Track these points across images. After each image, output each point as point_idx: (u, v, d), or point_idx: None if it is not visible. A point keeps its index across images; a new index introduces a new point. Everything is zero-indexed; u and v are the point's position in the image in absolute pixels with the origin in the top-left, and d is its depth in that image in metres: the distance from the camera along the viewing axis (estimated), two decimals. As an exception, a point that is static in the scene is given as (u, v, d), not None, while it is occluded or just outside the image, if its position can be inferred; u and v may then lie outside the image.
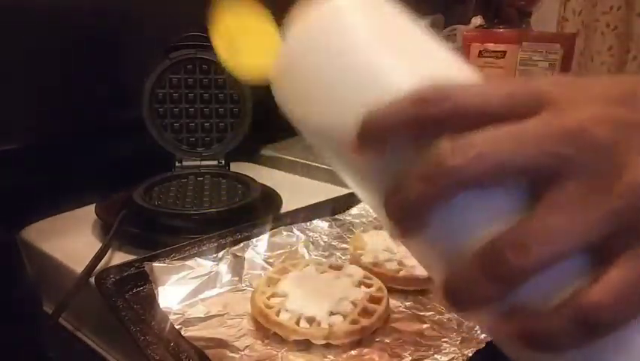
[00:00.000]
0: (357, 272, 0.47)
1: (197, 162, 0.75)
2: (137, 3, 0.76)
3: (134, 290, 0.47)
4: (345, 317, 0.41)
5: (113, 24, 0.72)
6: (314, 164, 0.84)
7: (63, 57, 0.68)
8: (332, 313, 0.41)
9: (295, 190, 0.74)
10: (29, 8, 0.63)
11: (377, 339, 0.40)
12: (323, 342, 0.39)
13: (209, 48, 0.74)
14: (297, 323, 0.40)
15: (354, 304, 0.42)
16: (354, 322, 0.40)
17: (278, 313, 0.41)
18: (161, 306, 0.43)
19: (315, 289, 0.44)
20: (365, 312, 0.41)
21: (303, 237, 0.55)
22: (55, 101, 0.68)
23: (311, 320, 0.40)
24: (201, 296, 0.45)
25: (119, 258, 0.54)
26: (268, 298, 0.43)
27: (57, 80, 0.68)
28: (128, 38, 0.74)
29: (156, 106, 0.73)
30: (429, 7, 1.17)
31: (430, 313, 0.44)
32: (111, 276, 0.46)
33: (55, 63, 0.67)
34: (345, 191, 0.67)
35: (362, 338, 0.40)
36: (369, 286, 0.45)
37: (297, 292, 0.43)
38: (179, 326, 0.41)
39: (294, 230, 0.56)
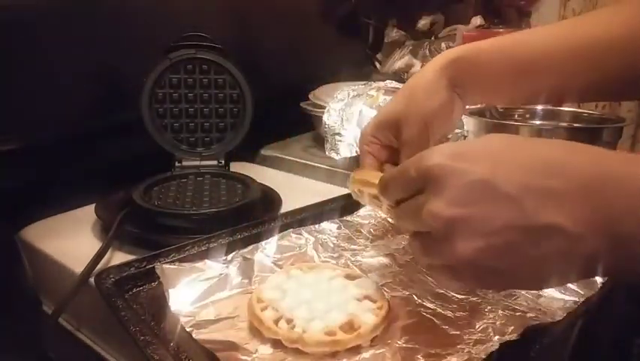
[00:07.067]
0: (369, 286, 0.44)
1: (197, 162, 0.75)
2: (136, 3, 0.76)
3: (134, 290, 0.47)
4: (326, 326, 0.39)
5: (113, 24, 0.72)
6: (314, 164, 0.84)
7: (63, 57, 0.68)
8: (312, 320, 0.39)
9: (295, 190, 0.74)
10: (26, 9, 0.63)
11: (388, 341, 0.39)
12: (292, 346, 0.38)
13: (209, 48, 0.74)
14: (277, 322, 0.39)
15: (345, 315, 0.40)
16: (330, 333, 0.38)
17: (265, 309, 0.41)
18: (172, 308, 0.42)
19: (316, 294, 0.43)
20: (350, 326, 0.39)
21: (312, 239, 0.55)
22: (55, 101, 0.68)
23: (289, 322, 0.40)
24: (212, 298, 0.45)
25: (118, 258, 0.54)
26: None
27: (57, 80, 0.68)
28: (128, 38, 0.74)
29: (156, 106, 0.73)
30: (429, 7, 1.17)
31: (447, 312, 0.43)
32: (111, 276, 0.46)
33: (54, 63, 0.67)
34: (344, 191, 0.67)
35: (368, 344, 0.39)
36: (373, 301, 0.43)
37: (296, 292, 0.43)
38: (191, 329, 0.40)
39: (303, 232, 0.56)
